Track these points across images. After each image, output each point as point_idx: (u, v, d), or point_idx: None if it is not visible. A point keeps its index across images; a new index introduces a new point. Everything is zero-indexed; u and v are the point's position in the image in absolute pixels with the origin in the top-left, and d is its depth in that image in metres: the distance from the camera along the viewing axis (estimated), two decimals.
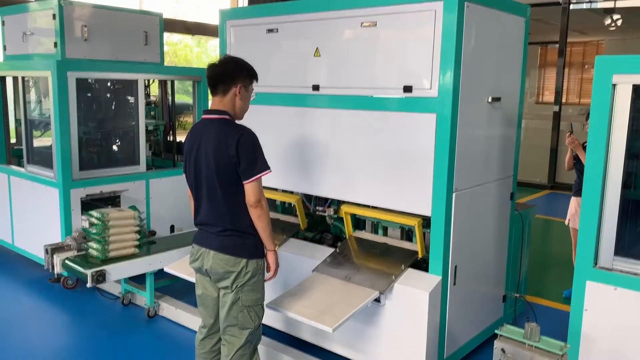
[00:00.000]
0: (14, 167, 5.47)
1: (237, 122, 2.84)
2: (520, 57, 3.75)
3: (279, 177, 4.01)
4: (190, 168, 2.86)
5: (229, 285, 2.79)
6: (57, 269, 4.23)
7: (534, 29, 4.11)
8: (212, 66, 2.82)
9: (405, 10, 3.21)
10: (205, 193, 2.81)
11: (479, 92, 3.36)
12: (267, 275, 2.95)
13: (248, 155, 2.71)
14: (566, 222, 4.87)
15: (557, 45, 9.87)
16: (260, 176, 2.75)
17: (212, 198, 2.79)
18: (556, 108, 9.94)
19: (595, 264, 2.81)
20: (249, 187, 2.74)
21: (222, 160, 2.71)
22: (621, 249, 2.79)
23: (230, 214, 2.78)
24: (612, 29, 9.95)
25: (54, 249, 4.25)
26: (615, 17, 9.72)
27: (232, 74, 2.79)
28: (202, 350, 3.04)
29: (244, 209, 2.78)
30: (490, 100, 3.44)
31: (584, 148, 4.24)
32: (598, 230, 2.79)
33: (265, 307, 2.96)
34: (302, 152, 3.83)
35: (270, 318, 3.94)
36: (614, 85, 2.67)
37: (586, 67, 10.26)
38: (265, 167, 2.77)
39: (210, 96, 2.96)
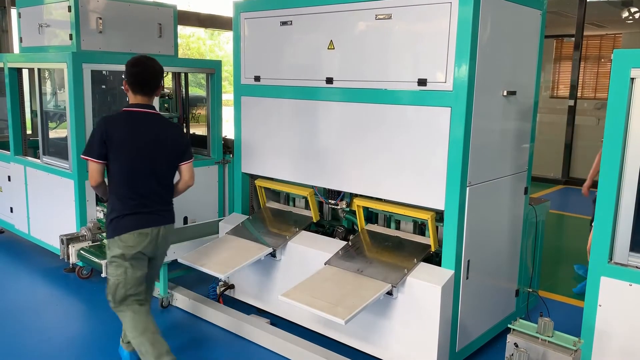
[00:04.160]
0: (29, 159, 5.53)
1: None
2: (536, 51, 3.72)
3: (292, 170, 4.03)
4: None
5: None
6: (73, 259, 4.28)
7: (550, 21, 4.06)
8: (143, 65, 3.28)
9: (421, 2, 3.19)
10: None
11: (494, 86, 3.34)
12: None
13: None
14: None
15: (573, 39, 9.76)
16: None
17: None
18: (571, 102, 9.84)
19: (610, 259, 2.80)
20: None
21: None
22: (637, 245, 2.77)
23: None
24: (629, 22, 9.81)
25: (70, 239, 4.30)
26: (633, 10, 9.57)
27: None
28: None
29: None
30: (505, 93, 3.42)
31: None
32: (613, 226, 2.77)
33: (279, 298, 3.02)
34: (315, 145, 3.84)
35: (281, 310, 3.97)
36: (632, 79, 2.64)
37: (602, 60, 10.12)
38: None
39: (223, 89, 3.00)
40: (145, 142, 3.20)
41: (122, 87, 3.29)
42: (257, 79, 4.14)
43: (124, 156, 3.16)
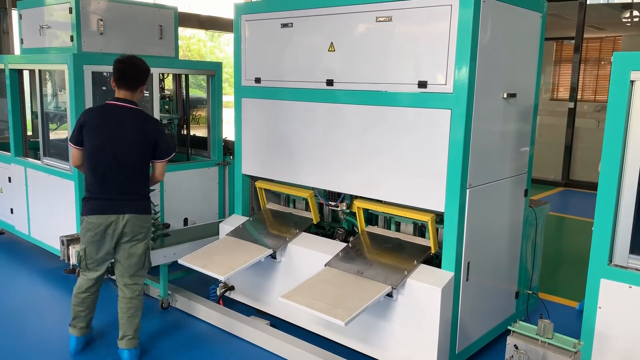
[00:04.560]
0: (30, 160, 5.53)
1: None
2: (536, 53, 3.73)
3: (292, 172, 4.03)
4: None
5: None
6: (73, 260, 4.27)
7: (550, 24, 4.07)
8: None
9: (421, 5, 3.20)
10: None
11: (494, 88, 3.35)
12: None
13: None
14: None
15: (573, 41, 9.77)
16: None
17: None
18: (571, 104, 9.85)
19: (610, 261, 2.80)
20: None
21: None
22: (636, 247, 2.77)
23: None
24: (629, 24, 9.82)
25: (70, 240, 4.29)
26: (634, 13, 9.58)
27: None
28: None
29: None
30: (505, 96, 3.43)
31: None
32: (613, 228, 2.77)
33: (279, 300, 3.03)
34: (315, 147, 3.84)
35: (281, 312, 3.97)
36: (632, 81, 2.65)
37: (602, 63, 10.13)
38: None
39: (223, 91, 3.03)
40: (113, 133, 3.38)
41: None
42: (257, 80, 4.15)
43: (91, 143, 3.40)
